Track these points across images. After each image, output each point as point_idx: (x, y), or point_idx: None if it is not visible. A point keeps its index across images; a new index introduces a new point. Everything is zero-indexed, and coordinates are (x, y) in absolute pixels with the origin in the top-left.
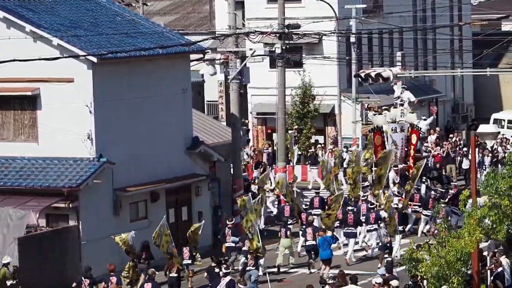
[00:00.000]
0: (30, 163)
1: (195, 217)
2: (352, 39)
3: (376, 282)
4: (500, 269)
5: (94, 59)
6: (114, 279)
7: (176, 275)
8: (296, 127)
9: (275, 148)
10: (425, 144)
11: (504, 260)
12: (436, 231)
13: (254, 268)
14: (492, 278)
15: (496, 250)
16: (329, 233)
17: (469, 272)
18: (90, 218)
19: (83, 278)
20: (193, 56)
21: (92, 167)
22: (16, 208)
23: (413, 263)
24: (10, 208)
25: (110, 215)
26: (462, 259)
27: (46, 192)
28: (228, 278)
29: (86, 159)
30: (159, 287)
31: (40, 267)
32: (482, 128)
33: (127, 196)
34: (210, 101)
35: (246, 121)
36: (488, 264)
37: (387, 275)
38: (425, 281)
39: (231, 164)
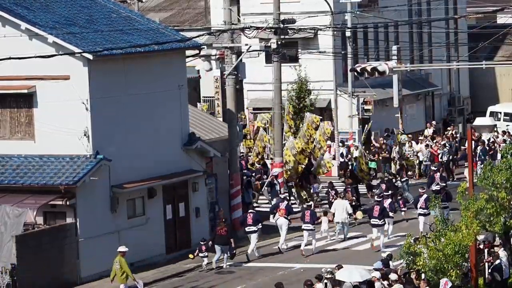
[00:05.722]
0: (26, 161)
1: (192, 213)
2: (348, 34)
3: (375, 276)
4: (497, 261)
5: (90, 56)
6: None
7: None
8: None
9: (270, 143)
10: (420, 138)
11: (502, 252)
12: None
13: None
14: (490, 270)
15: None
16: None
17: (466, 265)
18: (88, 215)
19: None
20: (188, 52)
21: (89, 164)
22: (13, 206)
23: (411, 256)
24: (7, 206)
25: (107, 212)
26: (460, 252)
27: (43, 189)
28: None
29: (82, 156)
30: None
31: (38, 265)
32: (479, 121)
33: (124, 193)
34: (206, 97)
35: (243, 116)
36: (486, 257)
37: (384, 269)
38: (423, 275)
39: (228, 160)
